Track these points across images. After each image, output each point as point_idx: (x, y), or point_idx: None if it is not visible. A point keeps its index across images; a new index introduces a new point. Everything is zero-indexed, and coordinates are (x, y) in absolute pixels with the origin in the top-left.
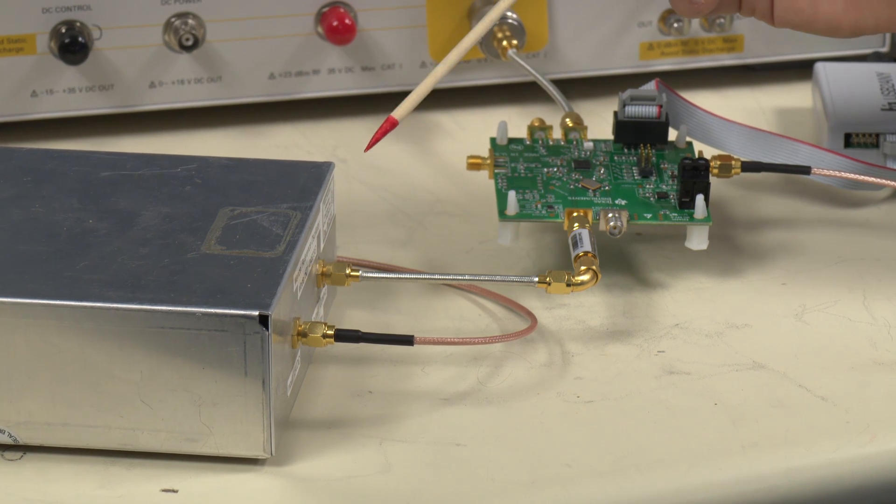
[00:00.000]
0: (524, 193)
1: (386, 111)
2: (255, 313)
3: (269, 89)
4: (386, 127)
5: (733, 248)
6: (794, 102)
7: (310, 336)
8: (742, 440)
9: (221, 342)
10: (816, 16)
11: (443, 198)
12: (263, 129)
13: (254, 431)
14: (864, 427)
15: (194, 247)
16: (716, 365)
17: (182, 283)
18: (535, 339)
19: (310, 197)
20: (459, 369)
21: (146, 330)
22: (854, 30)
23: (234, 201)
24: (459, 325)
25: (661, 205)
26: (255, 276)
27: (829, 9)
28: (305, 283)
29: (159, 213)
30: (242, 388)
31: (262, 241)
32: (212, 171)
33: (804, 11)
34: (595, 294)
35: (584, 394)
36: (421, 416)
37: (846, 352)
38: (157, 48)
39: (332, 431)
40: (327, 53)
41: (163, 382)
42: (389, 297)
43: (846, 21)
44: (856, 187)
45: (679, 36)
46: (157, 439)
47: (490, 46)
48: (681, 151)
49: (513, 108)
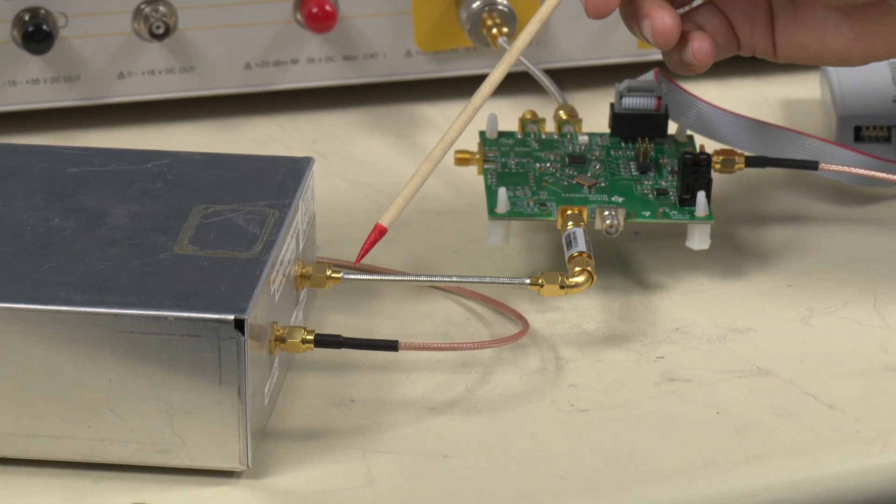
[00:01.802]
0: (515, 190)
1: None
2: (231, 317)
3: (245, 80)
4: (374, 237)
5: (736, 247)
6: (802, 93)
7: (288, 341)
8: (746, 451)
9: (195, 348)
10: (824, 50)
11: (429, 195)
12: (239, 123)
13: (229, 442)
14: (875, 437)
15: (166, 247)
16: (718, 371)
17: (153, 286)
18: (527, 345)
19: (288, 194)
20: (447, 376)
21: (115, 335)
22: (866, 59)
23: (208, 199)
24: (447, 330)
25: (661, 202)
26: (230, 278)
27: (837, 42)
28: (283, 286)
29: (129, 211)
30: (217, 397)
31: (237, 240)
32: (184, 167)
33: (810, 47)
34: (590, 297)
35: (578, 402)
36: (406, 426)
37: (856, 357)
38: (126, 37)
39: (312, 442)
40: (306, 42)
41: (133, 391)
42: (373, 301)
43: (857, 52)
44: (866, 183)
45: None
46: (127, 451)
47: (479, 34)
48: (681, 145)
49: (503, 100)
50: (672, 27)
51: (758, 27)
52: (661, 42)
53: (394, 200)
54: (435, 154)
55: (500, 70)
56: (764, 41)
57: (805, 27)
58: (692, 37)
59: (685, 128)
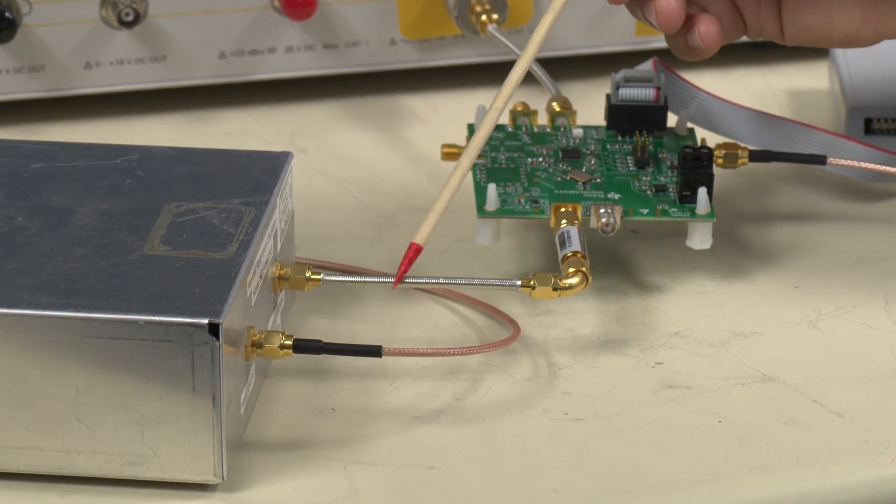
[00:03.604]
0: (506, 187)
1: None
2: (205, 321)
3: (220, 70)
4: (410, 256)
5: (740, 247)
6: (809, 83)
7: (265, 347)
8: (749, 462)
9: (166, 354)
10: (832, 31)
11: (414, 192)
12: (213, 115)
13: (203, 454)
14: (885, 446)
15: (136, 247)
16: (720, 378)
17: (122, 288)
18: (519, 350)
19: (265, 191)
20: (433, 384)
21: (82, 340)
22: (875, 39)
23: (181, 196)
24: (433, 335)
25: (660, 199)
26: (203, 279)
27: (845, 22)
28: (260, 288)
29: (96, 209)
30: (190, 406)
31: (211, 240)
32: (155, 163)
33: (818, 28)
34: (585, 299)
35: (572, 411)
36: (390, 436)
37: (866, 363)
38: (93, 24)
39: (291, 453)
40: (284, 29)
41: (101, 399)
42: (355, 303)
43: (866, 32)
44: (877, 179)
45: None
46: (96, 462)
47: (467, 21)
48: (681, 139)
49: (493, 91)
50: (677, 9)
51: (764, 8)
52: (666, 25)
53: (426, 217)
54: (462, 165)
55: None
56: (771, 22)
57: (812, 7)
58: (698, 19)
59: (685, 120)
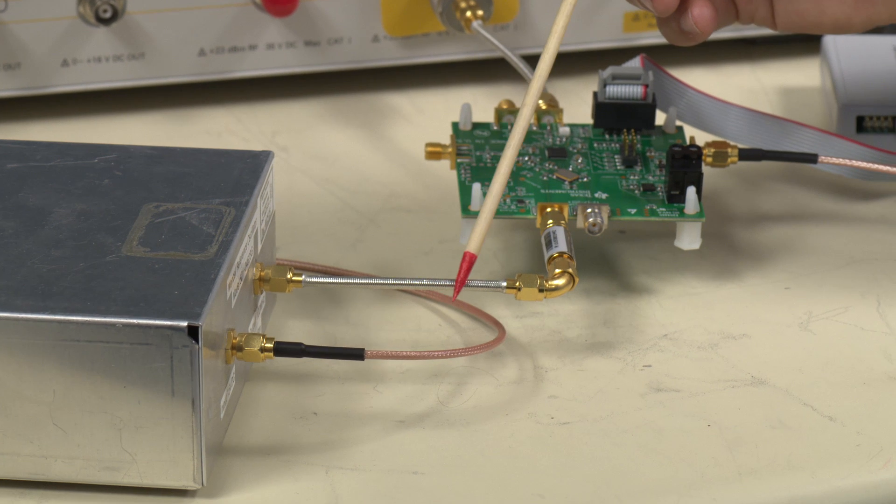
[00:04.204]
0: None
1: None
2: (184, 324)
3: (199, 68)
4: (466, 266)
5: (729, 247)
6: (800, 81)
7: (246, 350)
8: (739, 466)
9: (145, 357)
10: (823, 17)
11: (398, 191)
12: (192, 114)
13: (182, 459)
14: (878, 450)
15: (114, 248)
16: (709, 381)
17: (100, 290)
18: (504, 353)
19: (245, 191)
20: (417, 387)
21: (59, 344)
22: (867, 25)
23: (159, 196)
24: (417, 337)
25: (648, 198)
26: (182, 281)
27: (837, 8)
28: (241, 290)
29: (73, 210)
30: (169, 410)
31: (190, 241)
32: (133, 162)
33: (808, 13)
34: (572, 301)
35: (559, 415)
36: (373, 440)
37: (858, 365)
38: (70, 21)
39: (272, 458)
40: (265, 26)
41: (78, 403)
42: (337, 306)
43: (857, 18)
44: (869, 178)
45: None
46: (73, 468)
47: (452, 18)
48: (670, 137)
49: (478, 89)
50: None
51: None
52: (661, 8)
53: (475, 225)
54: (501, 171)
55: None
56: (762, 8)
57: None
58: (692, 3)
59: (674, 118)
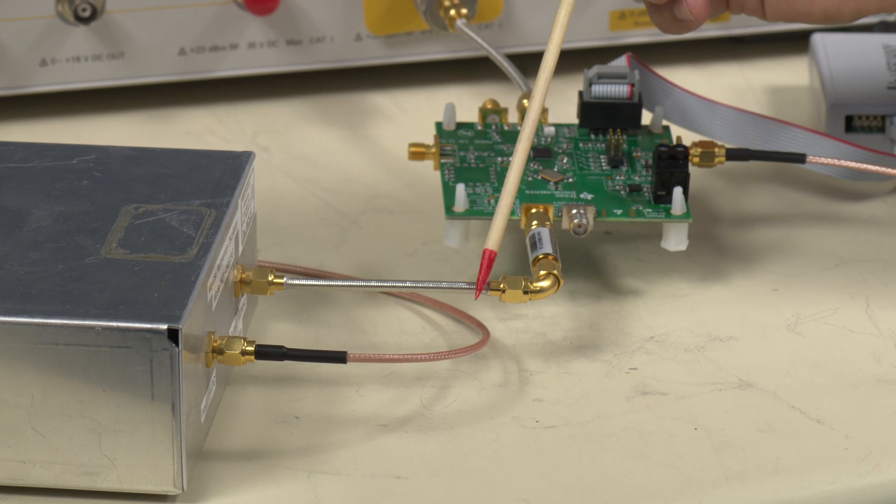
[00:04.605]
0: (475, 187)
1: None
2: (164, 327)
3: (180, 67)
4: (486, 263)
5: (716, 248)
6: (789, 80)
7: (227, 353)
8: (726, 470)
9: (124, 361)
10: (812, 6)
11: (381, 192)
12: (173, 114)
13: (162, 464)
14: (866, 454)
15: (93, 251)
16: (696, 384)
17: (79, 293)
18: (488, 356)
19: (226, 192)
20: (400, 391)
21: (38, 347)
22: (856, 15)
23: (139, 198)
24: (400, 340)
25: (634, 199)
26: (162, 284)
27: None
28: (221, 293)
29: (52, 211)
30: (149, 414)
31: (170, 243)
32: (113, 163)
33: (798, 2)
34: (557, 303)
35: (544, 418)
36: (356, 445)
37: (846, 368)
38: (49, 20)
39: (253, 463)
40: (247, 25)
41: (57, 407)
42: (319, 308)
43: (847, 8)
44: (858, 178)
45: None
46: (52, 473)
47: (436, 16)
48: (656, 137)
49: (462, 88)
50: None
51: None
52: None
53: (493, 222)
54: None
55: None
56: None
57: None
58: None
59: (660, 118)
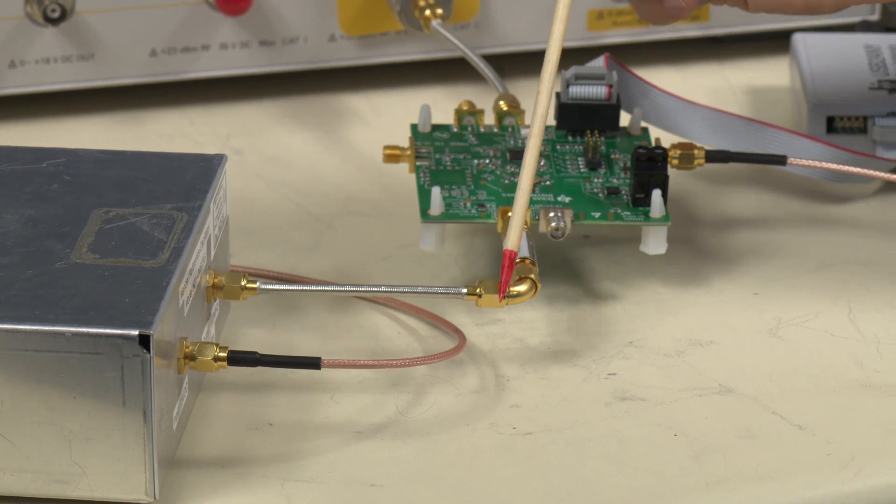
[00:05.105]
0: (451, 190)
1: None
2: (135, 333)
3: (151, 69)
4: (508, 264)
5: (696, 252)
6: (769, 80)
7: (199, 359)
8: (707, 476)
9: (95, 367)
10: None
11: (355, 195)
12: (144, 116)
13: (134, 471)
14: (849, 460)
15: (63, 255)
16: (676, 389)
17: (48, 298)
18: (465, 361)
19: (198, 195)
20: (375, 397)
21: (7, 353)
22: (837, 6)
23: (110, 201)
24: (375, 345)
25: (612, 202)
26: (133, 289)
27: None
28: (193, 298)
29: (21, 215)
30: (120, 421)
31: (141, 248)
32: (83, 167)
33: None
34: (534, 307)
35: (521, 424)
36: (330, 452)
37: (828, 372)
38: (17, 21)
39: (226, 471)
40: (219, 25)
41: (27, 414)
42: (293, 313)
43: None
44: (840, 180)
45: None
46: (21, 481)
47: (411, 16)
48: (634, 139)
49: (437, 90)
50: None
51: None
52: None
53: (510, 222)
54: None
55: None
56: None
57: None
58: None
59: (639, 119)
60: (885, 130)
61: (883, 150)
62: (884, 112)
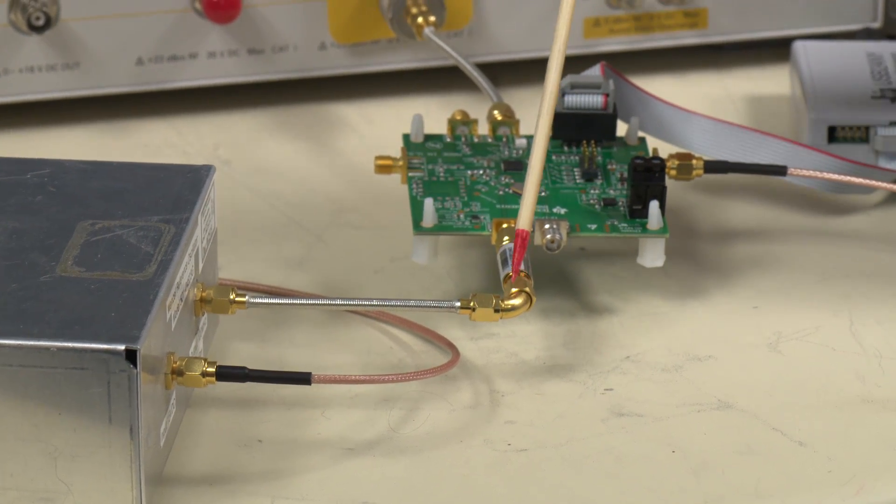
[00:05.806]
0: (444, 201)
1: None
2: (121, 348)
3: (137, 78)
4: (520, 242)
5: (695, 264)
6: (769, 89)
7: (187, 374)
8: (706, 494)
9: (80, 383)
10: None
11: (346, 206)
12: (130, 126)
13: (121, 489)
14: (850, 477)
15: (48, 268)
16: (674, 405)
17: (33, 313)
18: (458, 376)
19: (186, 207)
20: (367, 413)
21: None
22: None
23: (95, 213)
24: (367, 360)
25: (609, 213)
26: (120, 303)
27: None
28: (181, 312)
29: (5, 228)
30: (106, 438)
31: (128, 261)
32: (68, 178)
33: None
34: (529, 321)
35: (516, 441)
36: (321, 469)
37: (829, 388)
38: (1, 29)
39: (215, 488)
40: (206, 33)
41: (11, 431)
42: (282, 327)
43: None
44: (841, 191)
45: (631, 10)
46: (6, 499)
47: (403, 24)
48: (632, 149)
49: (430, 99)
50: None
51: None
52: None
53: (522, 200)
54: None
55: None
56: None
57: None
58: None
59: (636, 129)
60: (887, 140)
61: (885, 160)
62: (886, 121)
